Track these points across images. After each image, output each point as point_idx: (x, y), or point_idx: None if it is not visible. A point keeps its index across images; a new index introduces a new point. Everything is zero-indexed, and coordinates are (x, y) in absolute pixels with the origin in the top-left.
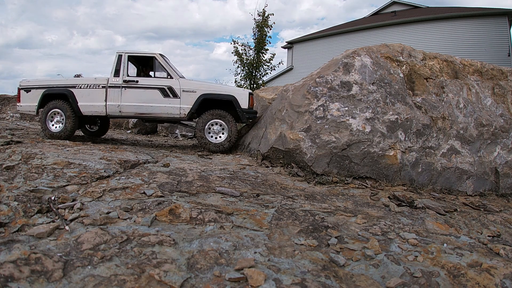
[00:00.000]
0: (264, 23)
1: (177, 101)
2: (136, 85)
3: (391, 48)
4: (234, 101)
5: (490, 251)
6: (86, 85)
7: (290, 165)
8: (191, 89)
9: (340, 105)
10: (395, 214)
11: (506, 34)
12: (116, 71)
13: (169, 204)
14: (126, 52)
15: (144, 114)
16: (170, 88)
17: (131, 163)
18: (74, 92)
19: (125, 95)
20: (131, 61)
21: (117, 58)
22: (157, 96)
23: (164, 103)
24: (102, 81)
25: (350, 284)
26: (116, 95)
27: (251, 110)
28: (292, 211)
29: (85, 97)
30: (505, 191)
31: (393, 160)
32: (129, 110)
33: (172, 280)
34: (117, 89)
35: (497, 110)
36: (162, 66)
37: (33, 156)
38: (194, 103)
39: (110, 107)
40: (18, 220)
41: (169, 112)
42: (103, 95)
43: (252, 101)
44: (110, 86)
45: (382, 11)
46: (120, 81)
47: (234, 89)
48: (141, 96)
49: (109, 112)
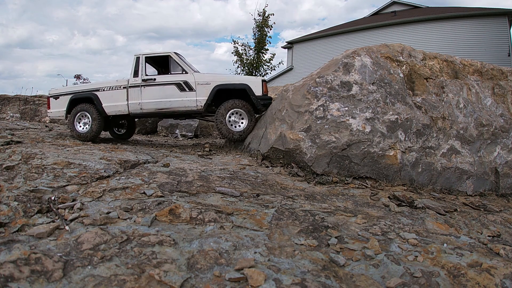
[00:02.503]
0: (264, 23)
1: (193, 94)
2: (154, 82)
3: (391, 48)
4: (248, 89)
5: (490, 251)
6: (108, 87)
7: (290, 165)
8: (205, 81)
9: (340, 105)
10: (395, 214)
11: (506, 34)
12: (135, 72)
13: (169, 204)
14: (143, 54)
15: (163, 109)
16: (186, 83)
17: (131, 163)
18: (98, 95)
19: (144, 93)
20: (148, 61)
21: (135, 60)
22: (174, 91)
23: (181, 97)
24: (123, 82)
25: (350, 284)
26: (136, 94)
27: (265, 97)
28: (292, 211)
29: (109, 98)
30: (505, 191)
31: (393, 160)
32: (149, 107)
33: (172, 280)
34: (137, 88)
35: (497, 110)
36: (177, 63)
37: (33, 156)
38: (210, 95)
39: (132, 105)
40: (18, 220)
41: (186, 105)
42: (124, 95)
43: (265, 87)
44: (130, 86)
45: (382, 11)
46: (139, 80)
47: (246, 78)
48: (159, 92)
49: (131, 111)
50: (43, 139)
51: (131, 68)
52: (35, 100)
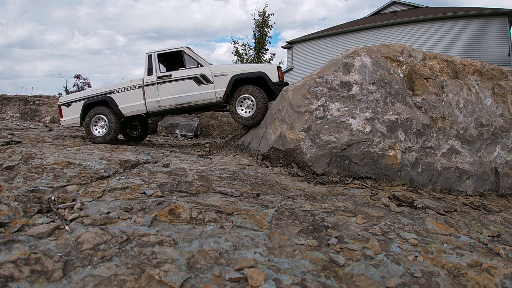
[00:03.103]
0: (264, 23)
1: (211, 86)
2: (171, 78)
3: (391, 48)
4: (265, 76)
5: (490, 251)
6: (123, 88)
7: (290, 165)
8: (222, 72)
9: (340, 105)
10: (395, 214)
11: (506, 34)
12: (149, 70)
13: (169, 204)
14: (155, 51)
15: (182, 104)
16: (203, 76)
17: (131, 163)
18: (113, 97)
19: (161, 90)
20: (160, 59)
21: (147, 58)
22: (192, 85)
23: (199, 90)
24: (137, 82)
25: (350, 284)
26: (153, 92)
27: (282, 82)
28: (292, 211)
29: (124, 99)
30: (505, 191)
31: (393, 160)
32: (168, 103)
33: (172, 280)
34: (153, 86)
35: (497, 110)
36: (191, 57)
37: (33, 156)
38: (228, 85)
39: (149, 104)
40: (18, 220)
41: (205, 98)
42: (141, 94)
43: (281, 73)
44: (146, 84)
45: (382, 11)
46: (155, 78)
47: (262, 66)
48: (177, 88)
49: (149, 109)
50: (43, 139)
51: (145, 67)
52: (35, 100)
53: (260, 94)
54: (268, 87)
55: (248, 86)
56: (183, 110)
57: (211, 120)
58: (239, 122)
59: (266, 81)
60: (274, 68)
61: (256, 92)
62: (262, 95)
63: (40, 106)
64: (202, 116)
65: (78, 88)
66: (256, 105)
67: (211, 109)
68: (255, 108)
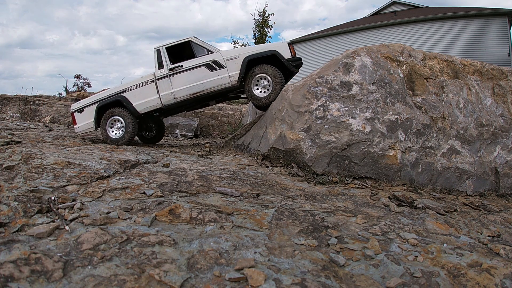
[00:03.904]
0: (264, 23)
1: (225, 71)
2: (182, 69)
3: (391, 48)
4: (277, 54)
5: (490, 251)
6: (135, 85)
7: (290, 165)
8: (233, 56)
9: (340, 105)
10: (395, 214)
11: (506, 34)
12: (159, 64)
13: (169, 204)
14: (163, 45)
15: (197, 93)
16: (215, 61)
17: (131, 163)
18: (126, 96)
19: (175, 81)
20: (170, 52)
21: (156, 53)
22: (205, 72)
23: (213, 76)
24: (149, 77)
25: (350, 284)
26: (166, 84)
27: (295, 58)
28: (292, 211)
29: (138, 96)
30: (505, 191)
31: (393, 160)
32: (183, 94)
33: (172, 280)
34: (166, 78)
35: (497, 110)
36: (200, 45)
37: (33, 156)
38: (241, 67)
39: (164, 97)
40: (18, 220)
41: (220, 83)
42: (154, 89)
43: (293, 50)
44: (158, 78)
45: (382, 11)
46: (166, 70)
47: (273, 44)
48: (190, 77)
49: (164, 102)
50: (43, 139)
51: (154, 62)
52: (35, 100)
53: (275, 72)
54: (282, 65)
55: (262, 66)
56: (199, 100)
57: (211, 120)
58: (255, 103)
59: (279, 58)
60: (285, 45)
61: (271, 70)
62: (277, 72)
63: (40, 106)
64: (202, 116)
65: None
66: (272, 84)
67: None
68: (271, 86)
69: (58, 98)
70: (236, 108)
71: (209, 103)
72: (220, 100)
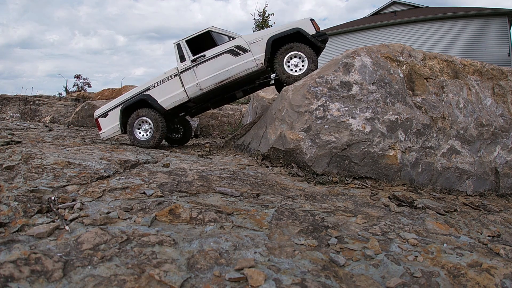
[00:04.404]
0: (264, 23)
1: (249, 54)
2: (206, 58)
3: (391, 48)
4: (301, 31)
5: (490, 251)
6: (158, 82)
7: (290, 165)
8: (256, 38)
9: (340, 105)
10: (395, 214)
11: (506, 34)
12: (181, 57)
13: (169, 204)
14: (183, 39)
15: (223, 81)
16: (238, 46)
17: (131, 163)
18: (150, 94)
19: (199, 71)
20: (189, 44)
21: (176, 47)
22: (229, 58)
23: (238, 61)
24: (172, 71)
25: (350, 284)
26: (191, 76)
27: (320, 33)
28: (292, 211)
29: (162, 92)
30: (505, 191)
31: (393, 160)
32: (209, 84)
33: (172, 280)
34: (189, 70)
35: (497, 110)
36: (220, 34)
37: (33, 156)
38: (266, 49)
39: (189, 89)
40: (18, 220)
41: (246, 68)
42: (178, 82)
43: (317, 25)
44: (181, 71)
45: (382, 11)
46: (189, 62)
47: (295, 22)
48: (214, 65)
49: (190, 95)
50: (43, 139)
51: (176, 56)
52: (35, 100)
53: (306, 47)
54: (308, 41)
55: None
56: (227, 89)
57: (211, 120)
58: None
59: (304, 35)
60: (307, 22)
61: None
62: (308, 48)
63: (40, 106)
64: (202, 116)
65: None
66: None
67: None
68: (305, 61)
69: (58, 98)
70: (236, 108)
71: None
72: (247, 91)
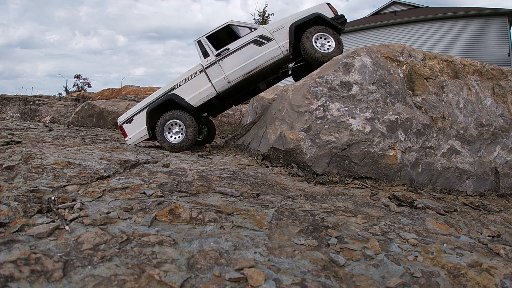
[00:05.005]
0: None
1: (274, 43)
2: (230, 51)
3: (391, 48)
4: (321, 15)
5: (490, 251)
6: (184, 80)
7: (290, 165)
8: (278, 27)
9: (340, 105)
10: (395, 214)
11: (506, 34)
12: (204, 53)
13: (169, 204)
14: (203, 35)
15: (251, 71)
16: (261, 36)
17: (131, 163)
18: (177, 93)
19: (225, 65)
20: (210, 40)
21: (198, 44)
22: (254, 48)
23: (263, 51)
24: (196, 68)
25: (350, 284)
26: (217, 70)
27: (339, 16)
28: (292, 211)
29: (189, 90)
30: (505, 191)
31: (393, 160)
32: (236, 76)
33: (172, 280)
34: (215, 65)
35: (497, 110)
36: (241, 26)
37: (33, 156)
38: (289, 35)
39: (217, 84)
40: (18, 220)
41: (272, 56)
42: (205, 78)
43: (333, 8)
44: (207, 66)
45: (382, 11)
46: (213, 57)
47: (313, 7)
48: (240, 56)
49: (218, 89)
50: (43, 139)
51: (198, 53)
52: (35, 100)
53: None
54: (328, 24)
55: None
56: (252, 81)
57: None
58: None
59: (324, 19)
60: (325, 6)
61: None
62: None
63: (40, 106)
64: None
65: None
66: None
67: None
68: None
69: (58, 98)
70: (236, 108)
71: (260, 87)
72: (270, 82)
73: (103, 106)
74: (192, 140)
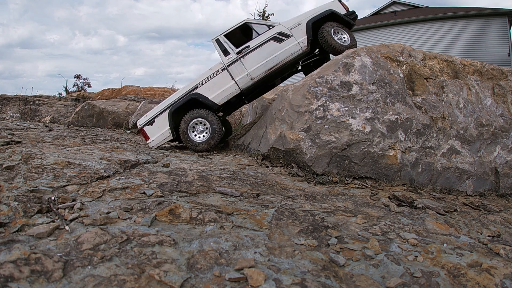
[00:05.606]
0: None
1: (292, 39)
2: (250, 48)
3: (391, 48)
4: (335, 12)
5: (490, 251)
6: (206, 78)
7: (290, 165)
8: (295, 23)
9: (340, 105)
10: (395, 214)
11: (506, 34)
12: (224, 52)
13: (169, 204)
14: (221, 34)
15: (272, 68)
16: (280, 33)
17: (131, 163)
18: (200, 92)
19: (246, 62)
20: (229, 38)
21: (216, 43)
22: (274, 45)
23: (283, 47)
24: (218, 66)
25: (350, 284)
26: (239, 68)
27: (350, 12)
28: (292, 211)
29: (212, 88)
30: (505, 191)
31: (393, 160)
32: (259, 72)
33: (172, 280)
34: (236, 62)
35: (497, 110)
36: (258, 24)
37: (33, 156)
38: (307, 31)
39: (240, 81)
40: (18, 220)
41: (292, 52)
42: (228, 76)
43: (345, 5)
44: (228, 64)
45: (382, 11)
46: (234, 55)
47: (325, 4)
48: (261, 53)
49: (242, 86)
50: (43, 139)
51: (218, 52)
52: (35, 100)
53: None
54: (341, 20)
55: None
56: (272, 77)
57: None
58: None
59: (338, 15)
60: (336, 3)
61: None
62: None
63: (40, 106)
64: None
65: (78, 88)
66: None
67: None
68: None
69: (58, 98)
70: None
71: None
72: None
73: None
74: (217, 138)
